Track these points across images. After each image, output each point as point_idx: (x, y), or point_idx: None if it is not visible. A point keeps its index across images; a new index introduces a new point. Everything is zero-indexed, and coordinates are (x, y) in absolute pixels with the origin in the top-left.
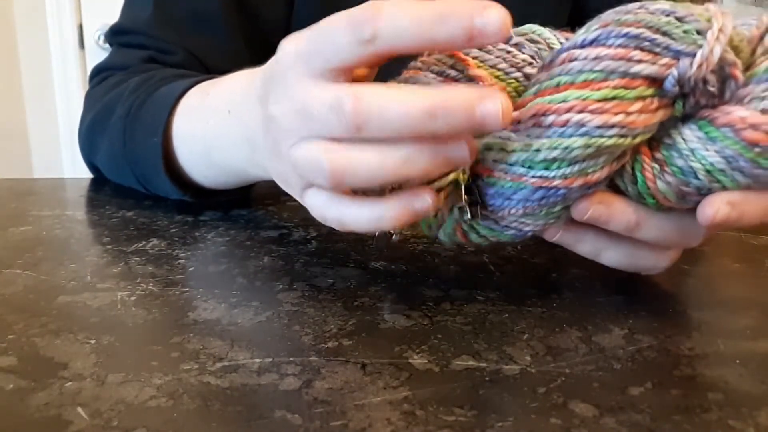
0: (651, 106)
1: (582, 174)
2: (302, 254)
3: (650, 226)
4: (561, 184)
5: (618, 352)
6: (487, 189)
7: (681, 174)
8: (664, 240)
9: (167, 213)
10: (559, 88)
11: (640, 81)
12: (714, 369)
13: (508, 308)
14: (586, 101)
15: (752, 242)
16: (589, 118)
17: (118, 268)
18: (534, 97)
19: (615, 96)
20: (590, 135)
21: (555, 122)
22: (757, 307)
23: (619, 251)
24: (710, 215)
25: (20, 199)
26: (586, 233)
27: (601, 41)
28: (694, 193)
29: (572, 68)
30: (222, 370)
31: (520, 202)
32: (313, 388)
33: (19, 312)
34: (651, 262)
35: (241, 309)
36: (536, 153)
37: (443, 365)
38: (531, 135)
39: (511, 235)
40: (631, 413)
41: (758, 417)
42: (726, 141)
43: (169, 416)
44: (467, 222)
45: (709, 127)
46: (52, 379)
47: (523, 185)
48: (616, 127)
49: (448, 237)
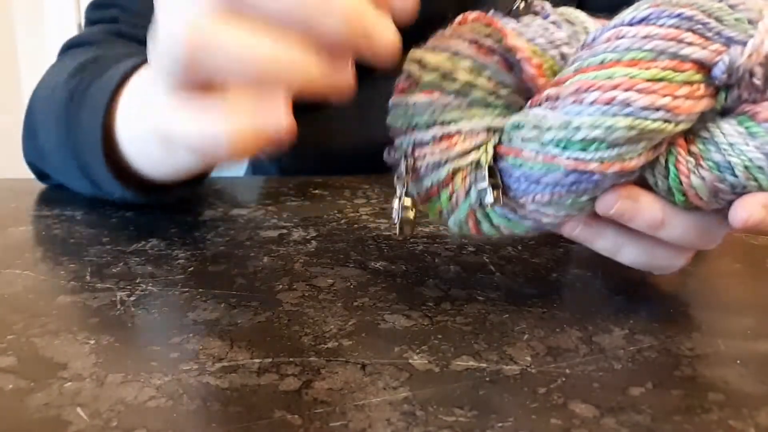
0: (697, 92)
1: (619, 159)
2: (302, 254)
3: (674, 226)
4: (597, 168)
5: (618, 352)
6: (512, 171)
7: (717, 169)
8: (687, 241)
9: (167, 213)
10: (604, 65)
11: (689, 65)
12: (714, 369)
13: (509, 308)
14: (634, 80)
15: (752, 242)
16: (635, 98)
17: (118, 268)
18: (574, 74)
19: (663, 77)
20: (635, 116)
21: (599, 99)
22: (758, 307)
23: (638, 249)
24: (744, 217)
25: (20, 199)
26: (607, 229)
27: (651, 20)
28: (727, 191)
29: (619, 45)
30: (222, 370)
31: (548, 186)
32: (312, 388)
33: (19, 312)
34: (667, 262)
35: (241, 309)
36: (575, 131)
37: (443, 365)
38: (570, 113)
39: (526, 227)
40: (632, 414)
41: (759, 417)
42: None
43: (168, 416)
44: (485, 208)
45: (750, 122)
46: (51, 380)
47: (556, 167)
48: (662, 110)
49: (458, 225)
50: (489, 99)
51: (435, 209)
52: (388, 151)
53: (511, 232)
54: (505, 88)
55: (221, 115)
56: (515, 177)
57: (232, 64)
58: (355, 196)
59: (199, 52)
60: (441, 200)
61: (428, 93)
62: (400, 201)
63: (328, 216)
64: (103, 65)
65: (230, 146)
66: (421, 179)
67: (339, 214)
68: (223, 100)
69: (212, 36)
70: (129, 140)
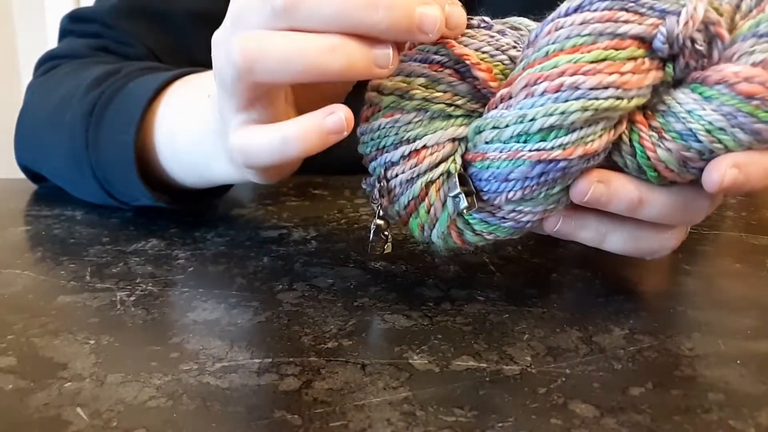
0: (643, 66)
1: (581, 142)
2: (302, 254)
3: (653, 203)
4: (560, 155)
5: (618, 352)
6: (481, 175)
7: (680, 138)
8: (669, 217)
9: (167, 213)
10: (548, 57)
11: (629, 41)
12: (714, 369)
13: (509, 308)
14: (578, 64)
15: (752, 242)
16: (582, 80)
17: (118, 268)
18: (523, 71)
19: (606, 57)
20: (586, 97)
21: (548, 88)
22: (758, 307)
23: (623, 235)
24: (717, 180)
25: (20, 199)
26: (588, 218)
27: (585, 7)
28: (695, 158)
29: (559, 36)
30: (222, 370)
31: (518, 182)
32: (313, 388)
33: (19, 312)
34: (656, 244)
35: (241, 309)
36: (531, 123)
37: (443, 365)
38: (524, 106)
39: (508, 229)
40: (632, 414)
41: (759, 417)
42: (722, 97)
43: (168, 416)
44: (462, 214)
45: (702, 87)
46: (51, 380)
47: (521, 161)
48: (611, 88)
49: (441, 238)
50: (448, 110)
51: (416, 225)
52: (364, 180)
53: (495, 237)
54: (461, 98)
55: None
56: (485, 179)
57: (283, 64)
58: (355, 196)
59: (252, 62)
60: (420, 215)
61: (390, 115)
62: (374, 223)
63: (328, 216)
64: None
65: (303, 146)
66: (397, 198)
67: (339, 214)
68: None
69: (262, 43)
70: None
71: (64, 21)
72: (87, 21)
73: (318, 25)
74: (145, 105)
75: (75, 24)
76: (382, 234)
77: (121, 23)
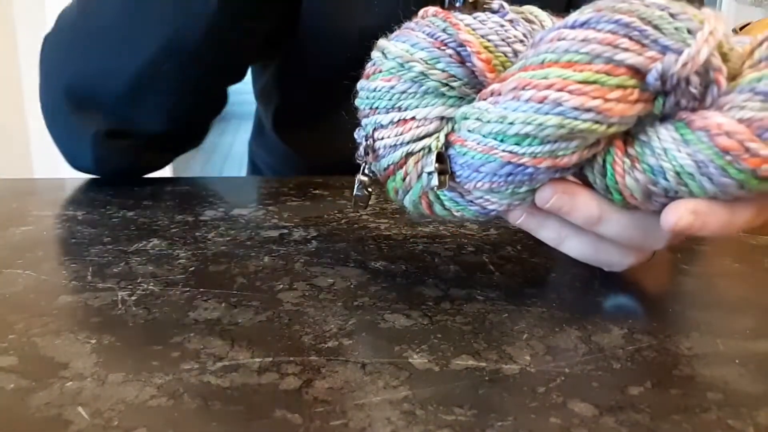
0: (630, 97)
1: (551, 155)
2: (302, 254)
3: (612, 223)
4: (529, 162)
5: (617, 351)
6: (457, 159)
7: (651, 172)
8: (626, 238)
9: (168, 213)
10: (542, 65)
11: (623, 69)
12: (713, 369)
13: (508, 308)
14: (567, 81)
15: (752, 242)
16: (566, 98)
17: (119, 268)
18: (517, 72)
19: (596, 80)
20: (565, 115)
21: (533, 97)
22: (757, 307)
23: (582, 242)
24: (672, 221)
25: (20, 199)
26: (549, 219)
27: (591, 24)
28: (660, 194)
29: (559, 47)
30: (222, 369)
31: (487, 175)
32: (313, 387)
33: (20, 312)
34: (615, 258)
35: (242, 308)
36: (510, 126)
37: (443, 365)
38: (508, 108)
39: (474, 212)
40: (631, 413)
41: (758, 417)
42: (699, 145)
43: (169, 416)
44: (434, 190)
45: (686, 129)
46: (52, 379)
47: (493, 158)
48: (592, 112)
49: (413, 205)
50: (442, 89)
51: (392, 188)
52: (357, 131)
53: (462, 216)
54: (457, 81)
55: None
56: (460, 164)
57: None
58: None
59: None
60: (396, 180)
61: (388, 80)
62: (358, 178)
63: (328, 216)
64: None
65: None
66: (379, 159)
67: (339, 214)
68: None
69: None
70: None
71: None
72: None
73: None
74: None
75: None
76: (366, 189)
77: None
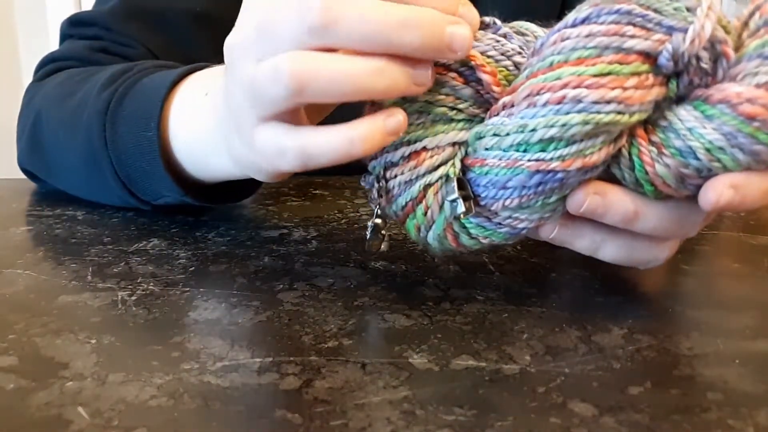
0: (647, 82)
1: (580, 155)
2: (302, 254)
3: (648, 217)
4: (559, 166)
5: (617, 351)
6: (479, 180)
7: (680, 155)
8: (663, 230)
9: (168, 213)
10: (552, 68)
11: (634, 56)
12: (713, 369)
13: (508, 308)
14: (582, 77)
15: (752, 242)
16: (585, 93)
17: (119, 268)
18: (526, 80)
19: (611, 71)
20: (587, 111)
21: (551, 100)
22: (757, 307)
23: (618, 245)
24: (713, 199)
25: (21, 199)
26: (584, 227)
27: (592, 19)
28: (693, 176)
29: (565, 47)
30: (222, 369)
31: (515, 190)
32: (313, 387)
33: (20, 312)
34: (650, 255)
35: (242, 309)
36: (532, 133)
37: (443, 365)
38: (526, 116)
39: (503, 234)
40: (631, 413)
41: (757, 417)
42: (723, 117)
43: (169, 416)
44: (459, 218)
45: (705, 105)
46: (52, 379)
47: (519, 170)
48: (613, 103)
49: (438, 240)
50: (450, 114)
51: (413, 226)
52: (363, 177)
53: (490, 242)
54: (464, 102)
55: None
56: (483, 185)
57: (334, 87)
58: (356, 196)
59: (305, 85)
60: (417, 216)
61: None
62: (372, 222)
63: (328, 216)
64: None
65: (366, 147)
66: (395, 198)
67: (339, 214)
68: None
69: (314, 66)
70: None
71: (64, 25)
72: (86, 24)
73: (353, 45)
74: (162, 100)
75: (75, 28)
76: (380, 233)
77: (120, 25)
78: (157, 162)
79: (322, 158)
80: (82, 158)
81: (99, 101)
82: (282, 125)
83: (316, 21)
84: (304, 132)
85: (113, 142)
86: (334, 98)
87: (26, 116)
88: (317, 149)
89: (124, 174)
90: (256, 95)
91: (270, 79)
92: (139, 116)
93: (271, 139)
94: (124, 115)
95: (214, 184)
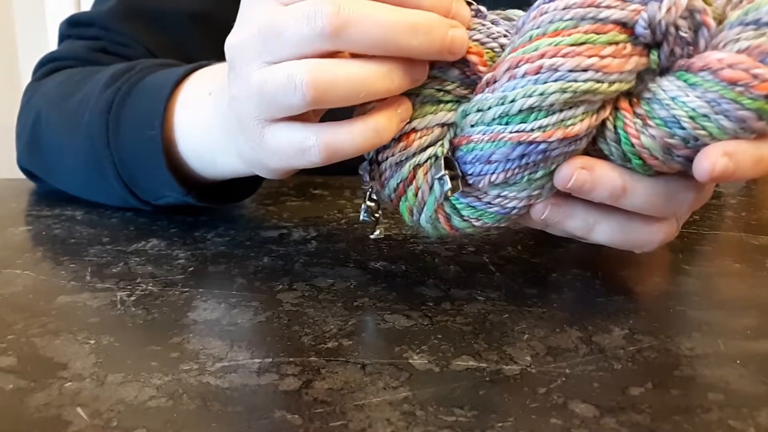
0: (624, 51)
1: (561, 125)
2: (302, 254)
3: (637, 192)
4: (540, 137)
5: (618, 352)
6: (466, 158)
7: (664, 125)
8: (653, 207)
9: (167, 213)
10: (531, 41)
11: (611, 26)
12: (714, 369)
13: (508, 308)
14: (558, 47)
15: (752, 242)
16: (561, 62)
17: (118, 268)
18: (507, 56)
19: (586, 40)
20: (564, 79)
21: (528, 71)
22: (758, 307)
23: (611, 225)
24: (708, 168)
25: (20, 199)
26: (576, 207)
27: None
28: (680, 146)
29: (542, 21)
30: (222, 370)
31: (500, 164)
32: (313, 388)
33: (19, 312)
34: (644, 237)
35: (241, 309)
36: (512, 104)
37: (443, 365)
38: (506, 89)
39: (494, 215)
40: (632, 413)
41: (758, 417)
42: (706, 84)
43: (168, 416)
44: (448, 197)
45: (687, 74)
46: (51, 379)
47: (502, 143)
48: (590, 71)
49: (430, 223)
50: (438, 95)
51: (406, 209)
52: (361, 166)
53: (483, 224)
54: (451, 84)
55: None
56: (469, 162)
57: (350, 93)
58: (355, 196)
59: (324, 93)
60: (408, 198)
61: None
62: (364, 204)
63: (328, 216)
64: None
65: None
66: (387, 181)
67: (339, 214)
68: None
69: (332, 74)
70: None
71: (63, 26)
72: (85, 25)
73: (362, 49)
74: (166, 99)
75: (73, 28)
76: (373, 215)
77: (119, 25)
78: (161, 161)
79: (348, 151)
80: (83, 158)
81: (101, 101)
82: (296, 124)
83: (327, 26)
84: (326, 128)
85: (116, 142)
86: (348, 103)
87: (25, 116)
88: (342, 144)
89: (125, 173)
90: (266, 100)
91: (284, 87)
92: (142, 116)
93: (287, 138)
94: (127, 114)
95: (215, 184)
